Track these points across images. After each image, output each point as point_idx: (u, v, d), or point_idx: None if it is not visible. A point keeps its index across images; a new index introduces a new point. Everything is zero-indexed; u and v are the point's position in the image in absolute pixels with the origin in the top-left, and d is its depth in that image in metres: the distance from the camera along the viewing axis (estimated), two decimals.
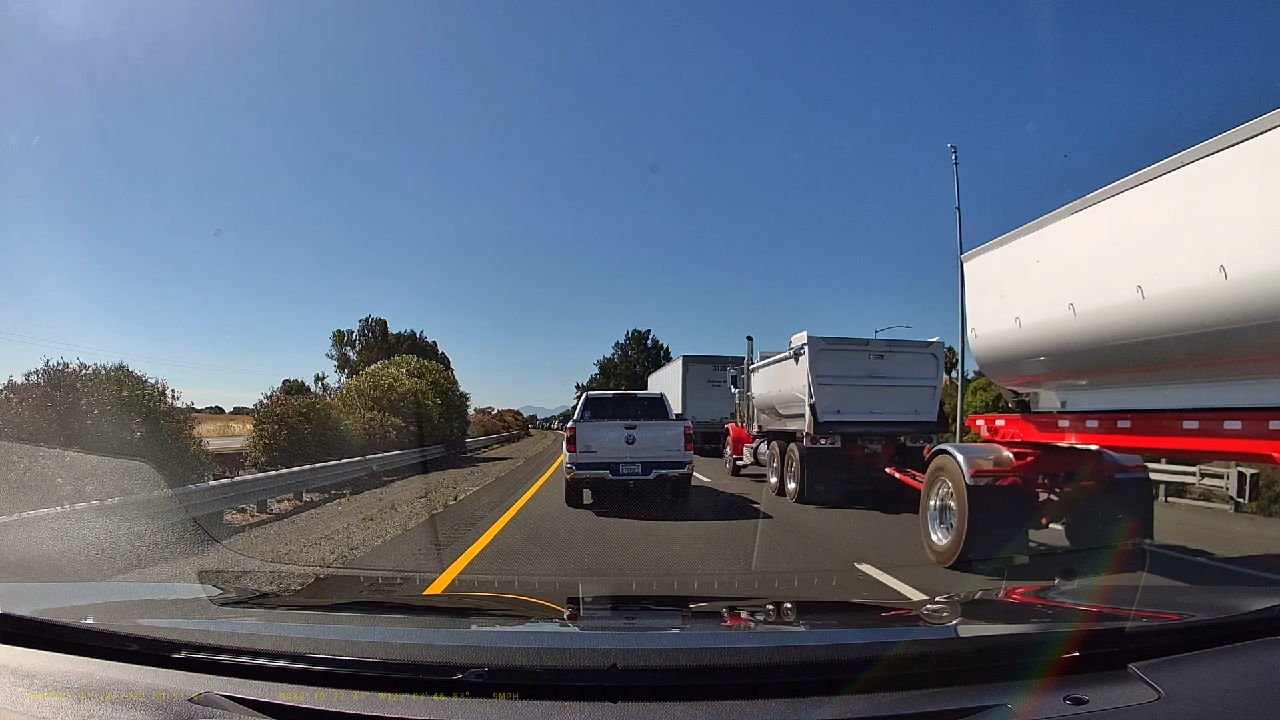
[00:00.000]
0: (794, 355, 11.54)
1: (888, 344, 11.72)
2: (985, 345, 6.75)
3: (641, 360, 62.59)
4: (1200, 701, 1.23)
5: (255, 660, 1.30)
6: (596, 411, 11.40)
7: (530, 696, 1.20)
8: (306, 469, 12.34)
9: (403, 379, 23.46)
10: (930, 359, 11.70)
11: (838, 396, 11.03)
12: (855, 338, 11.71)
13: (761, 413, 14.13)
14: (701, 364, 24.46)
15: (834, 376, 11.07)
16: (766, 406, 13.60)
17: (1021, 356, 6.28)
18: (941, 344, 11.91)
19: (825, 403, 10.95)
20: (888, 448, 11.21)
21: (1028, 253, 6.11)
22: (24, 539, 5.85)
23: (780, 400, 12.50)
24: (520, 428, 51.46)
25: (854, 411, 11.09)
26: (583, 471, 10.36)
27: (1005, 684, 1.23)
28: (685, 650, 1.46)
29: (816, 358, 11.10)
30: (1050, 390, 6.40)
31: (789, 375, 11.90)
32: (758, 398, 14.21)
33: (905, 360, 11.53)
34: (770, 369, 13.31)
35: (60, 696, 1.19)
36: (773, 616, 2.21)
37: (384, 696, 1.21)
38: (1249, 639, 1.43)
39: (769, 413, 13.50)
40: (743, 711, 1.17)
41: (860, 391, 11.19)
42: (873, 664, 1.24)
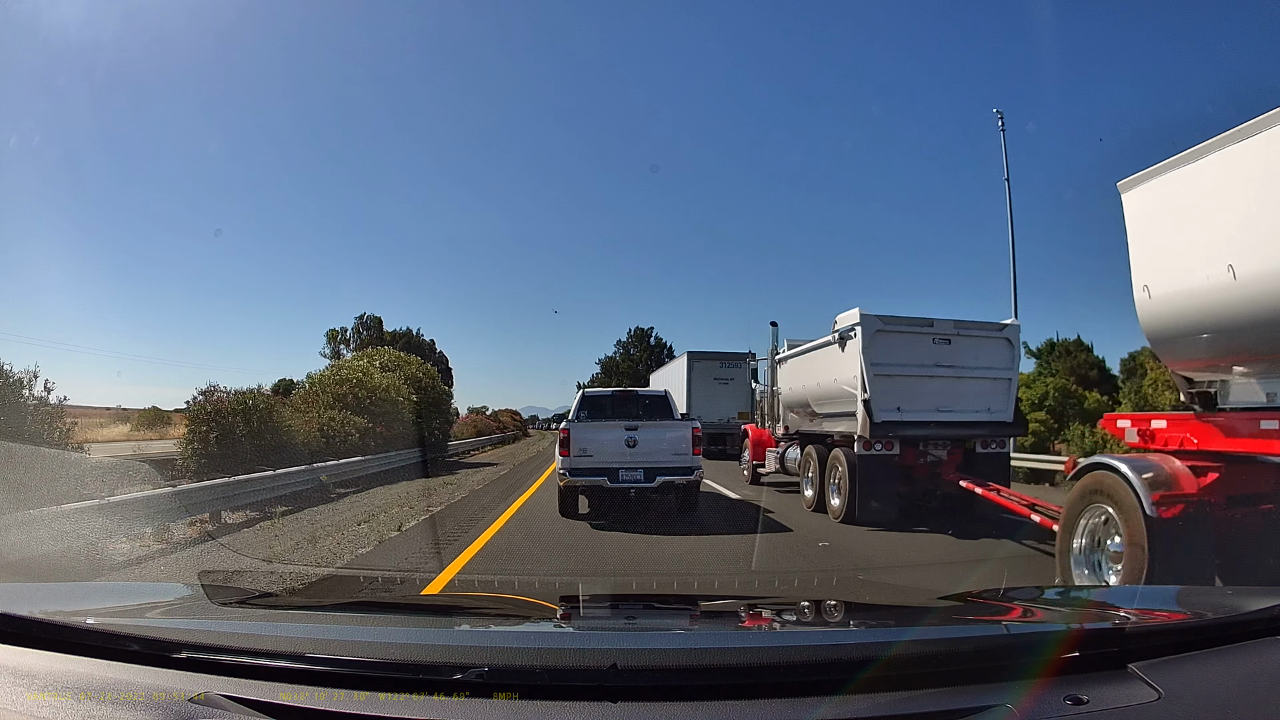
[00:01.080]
0: (839, 339, 9.53)
1: (956, 325, 9.46)
2: (1168, 310, 4.86)
3: (644, 358, 60.61)
4: (1200, 701, 1.23)
5: (255, 660, 1.30)
6: (594, 410, 10.33)
7: (530, 696, 1.20)
8: (226, 481, 9.76)
9: (374, 372, 20.19)
10: (1005, 345, 9.57)
11: (897, 390, 9.04)
12: (917, 317, 9.47)
13: (791, 411, 12.23)
14: (707, 360, 23.25)
15: (893, 365, 9.07)
16: (798, 404, 11.67)
17: (1238, 325, 4.38)
18: (1017, 327, 9.76)
19: (882, 398, 8.93)
20: (954, 454, 9.44)
21: (1255, 165, 4.13)
22: None
23: (819, 396, 10.56)
24: (518, 428, 48.82)
25: (917, 409, 9.08)
26: (577, 478, 9.22)
27: (1005, 684, 1.23)
28: (685, 650, 1.46)
29: (871, 342, 9.01)
30: (1250, 379, 4.74)
31: (832, 365, 9.84)
32: (786, 393, 12.26)
33: (977, 346, 9.43)
34: (804, 359, 11.33)
35: (60, 696, 1.19)
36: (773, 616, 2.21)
37: (384, 696, 1.21)
38: (1249, 639, 1.43)
39: (801, 411, 11.66)
40: (743, 711, 1.17)
41: (924, 384, 9.14)
42: (873, 664, 1.24)
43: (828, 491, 9.76)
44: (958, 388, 9.27)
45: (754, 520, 9.17)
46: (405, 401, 20.27)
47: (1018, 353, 9.74)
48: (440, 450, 22.41)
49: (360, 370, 19.96)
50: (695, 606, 2.55)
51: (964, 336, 9.41)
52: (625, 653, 1.35)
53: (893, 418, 8.94)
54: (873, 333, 9.06)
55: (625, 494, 9.31)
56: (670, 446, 9.31)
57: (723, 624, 2.16)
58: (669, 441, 9.36)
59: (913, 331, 9.25)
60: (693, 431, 9.40)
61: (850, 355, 9.28)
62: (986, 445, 9.43)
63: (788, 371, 12.28)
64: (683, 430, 9.48)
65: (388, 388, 19.75)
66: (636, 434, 9.23)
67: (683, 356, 24.52)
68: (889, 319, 9.15)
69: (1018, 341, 9.75)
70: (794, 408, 11.98)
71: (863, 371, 8.94)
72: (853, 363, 9.19)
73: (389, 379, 20.45)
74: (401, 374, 21.85)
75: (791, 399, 11.98)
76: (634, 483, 9.13)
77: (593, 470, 9.17)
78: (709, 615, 2.29)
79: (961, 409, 9.26)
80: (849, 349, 9.32)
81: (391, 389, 19.94)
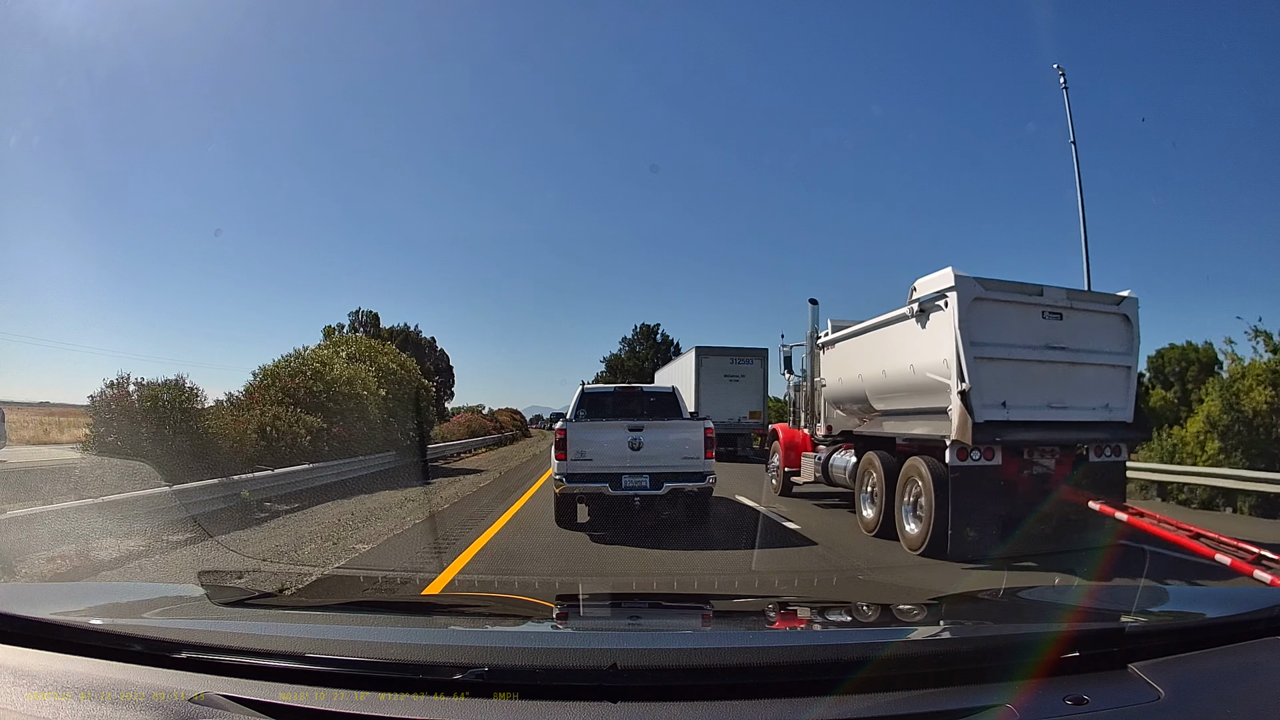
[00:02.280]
0: (918, 312, 7.45)
1: (1069, 294, 7.44)
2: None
3: (651, 356, 57.43)
4: (1200, 701, 1.23)
5: (255, 660, 1.30)
6: (594, 408, 9.42)
7: (530, 696, 1.20)
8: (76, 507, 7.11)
9: (336, 362, 16.77)
10: (1122, 323, 7.55)
11: (1003, 380, 6.94)
12: (1022, 282, 7.41)
13: (837, 408, 10.17)
14: (717, 356, 21.80)
15: (997, 346, 6.98)
16: (850, 398, 9.57)
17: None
18: (1135, 300, 7.62)
19: (985, 391, 6.79)
20: (1063, 464, 7.39)
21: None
22: None
23: (884, 388, 8.48)
24: (517, 428, 46.22)
25: (1025, 405, 7.02)
26: (575, 485, 8.21)
27: (1005, 684, 1.23)
28: (685, 650, 1.46)
29: (970, 313, 6.85)
30: None
31: (908, 347, 7.79)
32: (833, 386, 10.10)
33: (1091, 324, 7.44)
34: (860, 342, 9.18)
35: (60, 696, 1.19)
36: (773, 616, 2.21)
37: (384, 696, 1.21)
38: (1249, 639, 1.43)
39: (854, 408, 9.58)
40: (743, 711, 1.17)
41: (1032, 372, 7.14)
42: (873, 664, 1.24)
43: (899, 513, 7.59)
44: (1071, 377, 7.29)
45: (789, 544, 7.65)
46: (372, 397, 16.93)
47: (1137, 333, 7.64)
48: (418, 454, 18.95)
49: (321, 360, 16.35)
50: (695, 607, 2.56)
51: (1078, 310, 7.37)
52: (625, 653, 1.35)
53: (997, 416, 6.84)
54: (971, 301, 6.88)
55: (628, 502, 8.24)
56: (679, 449, 8.29)
57: (723, 624, 2.16)
58: (678, 443, 8.33)
59: (1019, 301, 7.18)
60: (705, 432, 8.37)
61: (938, 332, 7.14)
62: (1100, 452, 7.43)
63: (835, 359, 10.07)
64: (693, 431, 8.45)
65: (350, 380, 16.26)
66: (641, 435, 8.20)
67: (690, 352, 23.11)
68: (990, 283, 7.06)
69: (1137, 319, 7.61)
70: (843, 403, 9.91)
71: (959, 353, 6.78)
72: (942, 342, 7.04)
73: (354, 370, 16.91)
74: (374, 365, 18.44)
75: (840, 393, 9.90)
76: (638, 490, 8.11)
77: (592, 476, 8.17)
78: (708, 615, 2.29)
79: (1075, 405, 7.28)
80: (936, 324, 7.21)
81: (357, 382, 16.56)
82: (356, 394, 16.33)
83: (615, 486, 8.11)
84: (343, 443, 14.93)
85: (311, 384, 15.24)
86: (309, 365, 15.87)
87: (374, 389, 17.34)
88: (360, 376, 17.03)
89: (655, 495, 8.15)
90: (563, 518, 8.53)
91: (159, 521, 7.94)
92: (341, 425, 15.18)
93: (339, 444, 14.76)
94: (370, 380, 17.41)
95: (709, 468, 8.30)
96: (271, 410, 13.66)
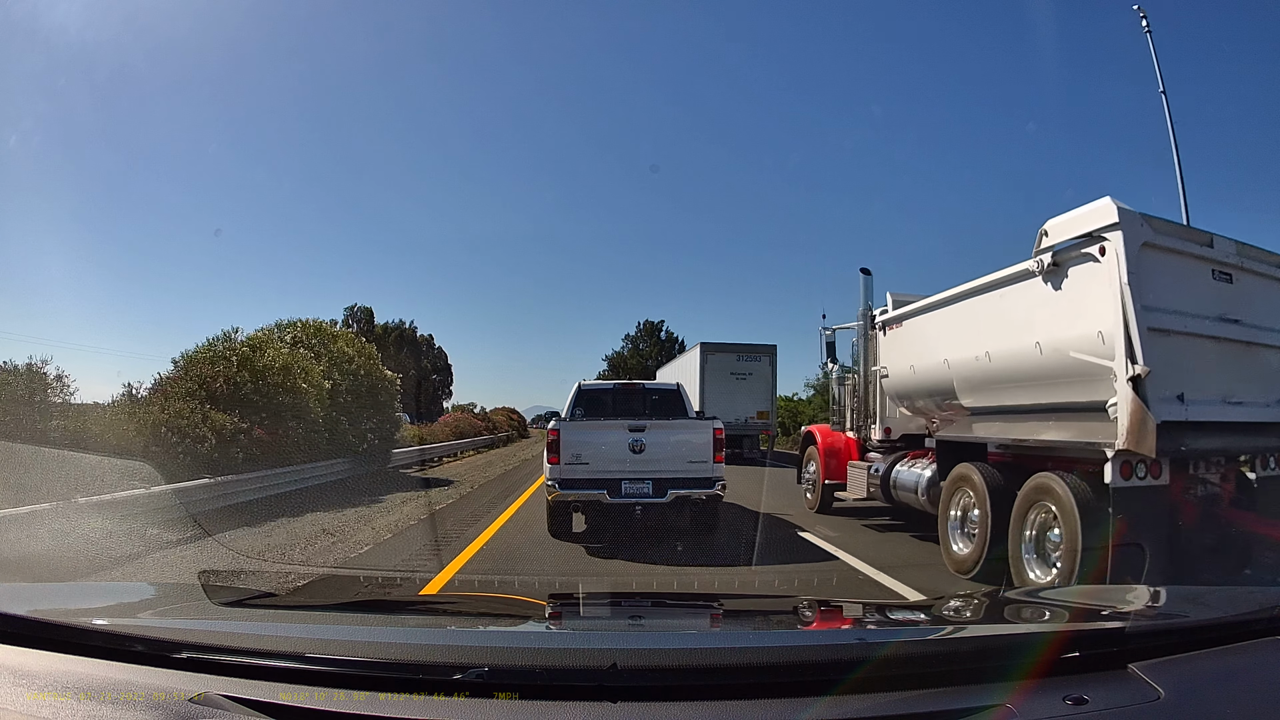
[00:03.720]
0: (1050, 267, 5.35)
1: (1239, 250, 5.51)
2: None
3: (654, 353, 55.20)
4: (1200, 701, 1.23)
5: (255, 660, 1.30)
6: (591, 407, 8.82)
7: (530, 696, 1.20)
8: None
9: (271, 348, 13.36)
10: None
11: (1179, 364, 4.98)
12: (1188, 225, 5.96)
13: (903, 404, 8.26)
14: (723, 353, 20.82)
15: (1172, 314, 5.03)
16: (928, 390, 7.54)
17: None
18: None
19: (1162, 377, 4.80)
20: (1227, 479, 5.51)
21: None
22: None
23: (990, 377, 6.28)
24: (512, 428, 43.58)
25: (1202, 400, 5.07)
26: (569, 492, 7.40)
27: (1005, 684, 1.23)
28: (685, 650, 1.46)
29: (1140, 263, 4.88)
30: None
31: (1034, 317, 5.65)
32: (899, 376, 8.04)
33: (1267, 292, 5.66)
34: (947, 315, 7.05)
35: (60, 696, 1.19)
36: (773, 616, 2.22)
37: (384, 696, 1.21)
38: (1249, 639, 1.43)
39: (928, 404, 7.68)
40: (743, 711, 1.17)
41: (1208, 353, 5.27)
42: (873, 663, 1.24)
43: (1017, 552, 5.46)
44: (1245, 361, 5.44)
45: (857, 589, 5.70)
46: (313, 391, 13.33)
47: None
48: (377, 460, 15.96)
49: (252, 344, 13.19)
50: (695, 606, 2.56)
51: (1251, 272, 5.53)
52: (625, 653, 1.35)
53: (1176, 415, 4.86)
54: (1139, 247, 4.90)
55: (629, 511, 7.44)
56: (685, 452, 7.51)
57: (723, 624, 2.16)
58: (684, 445, 7.56)
59: (1189, 252, 5.28)
60: (714, 433, 7.56)
61: (1087, 292, 5.10)
62: (1265, 464, 5.69)
63: (902, 341, 8.07)
64: (701, 432, 7.66)
65: (283, 369, 12.78)
66: (643, 436, 7.44)
67: (695, 349, 22.09)
68: (1158, 223, 5.13)
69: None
70: (913, 398, 7.99)
71: (1126, 322, 4.76)
72: (1095, 307, 4.99)
73: (290, 357, 13.48)
74: (327, 354, 15.20)
75: (910, 385, 7.89)
76: (640, 497, 7.33)
77: (588, 482, 7.38)
78: (708, 615, 2.29)
79: (1249, 400, 5.40)
80: (1083, 280, 5.15)
81: (295, 371, 13.07)
82: (294, 386, 12.79)
83: (614, 494, 7.33)
84: (265, 447, 11.55)
85: (236, 374, 11.86)
86: (236, 350, 12.53)
87: (318, 380, 13.71)
88: (299, 364, 13.39)
89: (658, 504, 7.37)
90: (556, 528, 7.76)
91: None
92: (265, 427, 11.80)
93: (260, 449, 11.41)
94: (313, 369, 13.86)
95: (718, 473, 7.47)
96: (175, 406, 10.47)
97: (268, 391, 12.24)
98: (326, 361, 14.87)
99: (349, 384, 15.17)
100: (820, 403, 32.58)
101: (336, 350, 15.54)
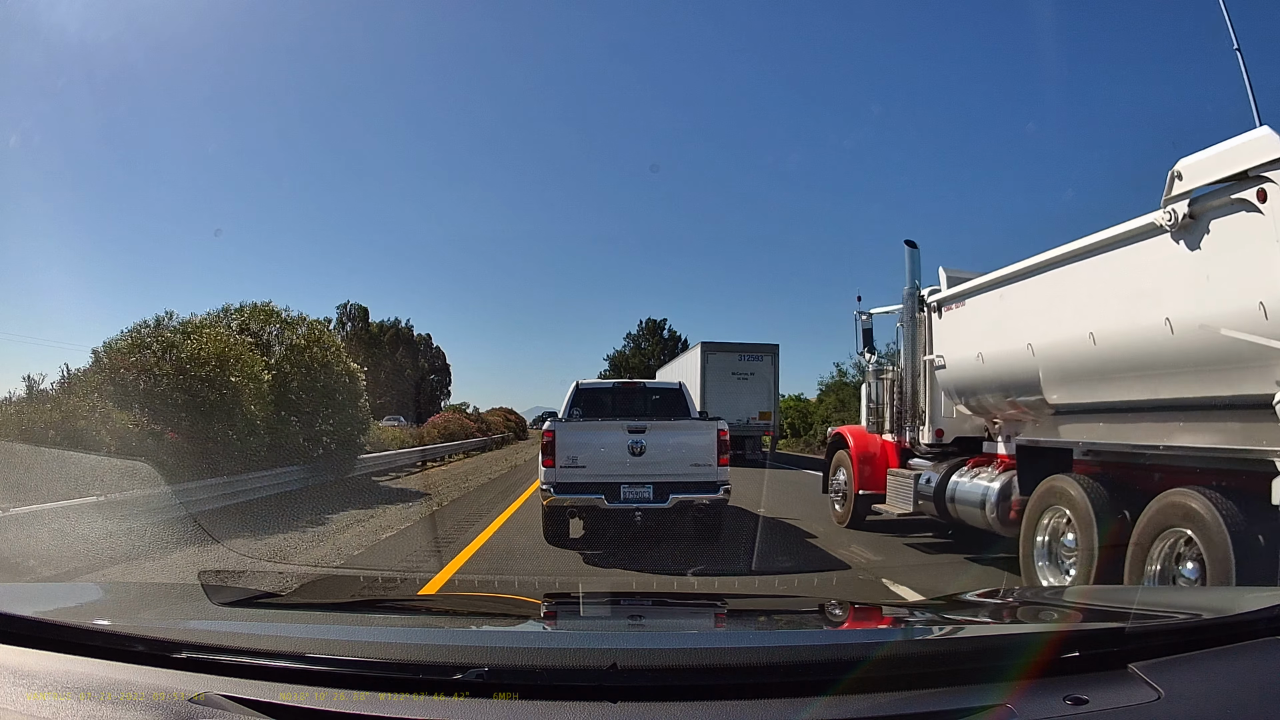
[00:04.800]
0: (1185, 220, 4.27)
1: None
2: None
3: (657, 352, 54.15)
4: (1200, 701, 1.23)
5: (255, 660, 1.30)
6: (589, 407, 8.55)
7: (530, 696, 1.20)
8: None
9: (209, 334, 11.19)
10: None
11: None
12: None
13: (961, 400, 7.07)
14: (724, 353, 20.56)
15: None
16: (1001, 384, 6.30)
17: None
18: None
19: None
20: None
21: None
22: None
23: (1093, 365, 5.13)
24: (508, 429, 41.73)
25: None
26: (565, 496, 7.10)
27: (1005, 684, 1.23)
28: (685, 650, 1.46)
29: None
30: None
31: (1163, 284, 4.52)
32: (961, 366, 6.81)
33: None
34: (1030, 288, 5.81)
35: (60, 696, 1.20)
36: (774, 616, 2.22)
37: (384, 696, 1.21)
38: (1249, 639, 1.43)
39: (999, 400, 6.47)
40: (743, 711, 1.17)
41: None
42: (873, 663, 1.24)
43: None
44: None
45: None
46: (249, 385, 11.02)
47: None
48: (338, 468, 13.79)
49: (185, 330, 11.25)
50: (695, 606, 2.56)
51: None
52: (625, 652, 1.35)
53: None
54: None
55: (629, 516, 7.15)
56: (687, 454, 7.20)
57: (723, 624, 2.16)
58: (686, 447, 7.25)
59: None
60: (718, 434, 7.22)
61: (1239, 250, 4.08)
62: None
63: (964, 323, 6.84)
64: (705, 433, 7.33)
65: (217, 359, 10.56)
66: (644, 438, 7.12)
67: (695, 348, 21.81)
68: None
69: None
70: (980, 394, 6.70)
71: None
72: (1254, 268, 3.99)
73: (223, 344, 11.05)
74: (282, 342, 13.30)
75: (976, 377, 6.58)
76: (640, 502, 7.03)
77: (586, 486, 7.07)
78: (709, 615, 2.29)
79: None
80: (1232, 235, 4.10)
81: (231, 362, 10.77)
82: (221, 381, 10.41)
83: (612, 498, 7.01)
84: (185, 455, 9.33)
85: (155, 365, 9.89)
86: (162, 337, 10.58)
87: (256, 372, 11.35)
88: (236, 353, 11.05)
89: (660, 509, 7.05)
90: (552, 532, 7.47)
91: None
92: (185, 429, 9.60)
93: (178, 457, 9.11)
94: (253, 360, 11.49)
95: (723, 476, 7.13)
96: (69, 404, 8.86)
97: (190, 386, 10.03)
98: (284, 351, 12.98)
99: (301, 378, 12.82)
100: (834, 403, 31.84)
101: (292, 340, 13.37)
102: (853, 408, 27.55)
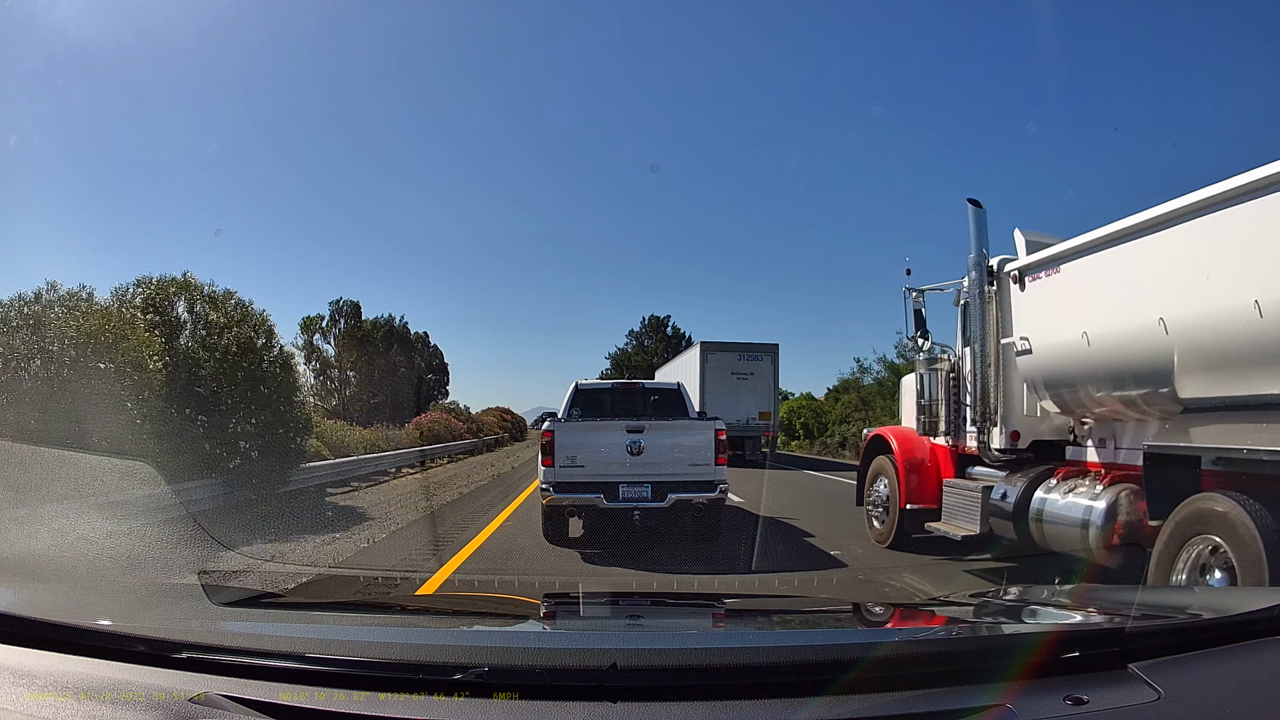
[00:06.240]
0: None
1: None
2: None
3: (660, 351, 52.54)
4: (1200, 701, 1.23)
5: (255, 660, 1.30)
6: (588, 407, 8.67)
7: (530, 696, 1.20)
8: None
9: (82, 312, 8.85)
10: None
11: None
12: None
13: (1051, 393, 5.72)
14: (723, 352, 20.44)
15: None
16: (1116, 372, 5.00)
17: None
18: None
19: None
20: None
21: None
22: None
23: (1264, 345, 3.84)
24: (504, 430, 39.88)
25: None
26: (565, 496, 7.20)
27: (1005, 684, 1.23)
28: (685, 650, 1.46)
29: None
30: None
31: None
32: (1057, 348, 5.49)
33: None
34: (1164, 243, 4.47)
35: (60, 696, 1.19)
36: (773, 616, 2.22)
37: (384, 696, 1.21)
38: (1249, 639, 1.43)
39: (1104, 394, 5.20)
40: (743, 711, 1.17)
41: None
42: (872, 663, 1.24)
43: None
44: None
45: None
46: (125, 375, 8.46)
47: None
48: (268, 479, 10.49)
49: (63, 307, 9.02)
50: (695, 606, 2.56)
51: None
52: (625, 653, 1.35)
53: None
54: None
55: (627, 516, 7.25)
56: (686, 454, 7.31)
57: (723, 624, 2.16)
58: (684, 447, 7.36)
59: None
60: (717, 435, 7.34)
61: None
62: None
63: (1060, 296, 5.51)
64: (702, 433, 7.46)
65: (90, 341, 8.29)
66: (642, 438, 7.22)
67: (695, 348, 21.73)
68: None
69: None
70: (1081, 385, 5.39)
71: None
72: None
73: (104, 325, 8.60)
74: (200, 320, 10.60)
75: (1079, 363, 5.29)
76: (638, 502, 7.13)
77: (585, 485, 7.16)
78: (709, 615, 2.29)
79: None
80: None
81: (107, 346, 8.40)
82: (73, 363, 8.12)
83: (611, 498, 7.09)
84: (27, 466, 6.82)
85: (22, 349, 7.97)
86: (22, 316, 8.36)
87: (140, 357, 8.79)
88: (117, 333, 8.65)
89: (658, 509, 7.14)
90: (552, 531, 7.53)
91: None
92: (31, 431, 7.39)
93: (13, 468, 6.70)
94: (142, 340, 9.08)
95: (721, 476, 7.26)
96: None
97: (47, 377, 7.92)
98: (195, 332, 10.41)
99: (214, 366, 10.00)
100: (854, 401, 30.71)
101: (214, 322, 10.54)
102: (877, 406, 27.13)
